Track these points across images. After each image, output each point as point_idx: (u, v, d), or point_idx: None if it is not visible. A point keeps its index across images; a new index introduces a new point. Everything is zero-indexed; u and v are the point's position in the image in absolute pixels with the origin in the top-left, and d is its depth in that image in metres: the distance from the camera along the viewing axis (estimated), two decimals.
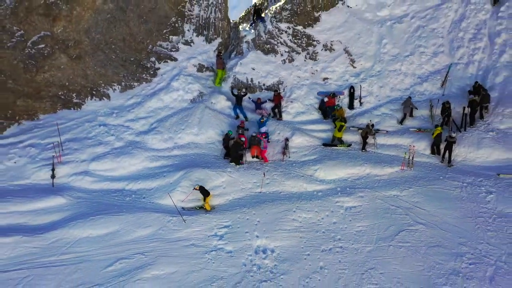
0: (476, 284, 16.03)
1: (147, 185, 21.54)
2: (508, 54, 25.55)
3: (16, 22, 23.59)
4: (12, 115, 23.83)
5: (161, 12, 26.42)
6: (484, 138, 22.17)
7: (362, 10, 28.44)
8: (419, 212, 19.10)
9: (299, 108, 25.62)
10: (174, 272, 17.10)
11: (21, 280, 17.00)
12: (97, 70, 25.39)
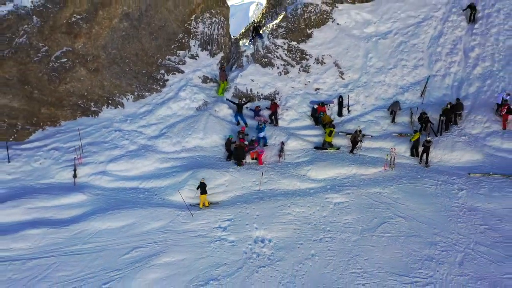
0: (447, 268, 16.81)
1: (158, 183, 22.34)
2: (480, 67, 26.69)
3: (41, 39, 24.63)
4: (37, 122, 24.66)
5: (170, 29, 27.47)
6: (458, 142, 23.10)
7: (350, 27, 29.53)
8: (399, 206, 19.89)
9: (293, 115, 26.27)
10: (183, 259, 17.92)
11: (49, 266, 17.82)
12: (112, 82, 26.22)
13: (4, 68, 23.96)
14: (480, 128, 23.62)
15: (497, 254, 17.00)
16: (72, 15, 25.11)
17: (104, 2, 25.51)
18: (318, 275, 17.18)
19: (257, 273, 17.33)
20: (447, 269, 16.69)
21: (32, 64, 24.57)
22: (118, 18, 26.15)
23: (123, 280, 17.09)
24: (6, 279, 17.32)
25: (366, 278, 16.68)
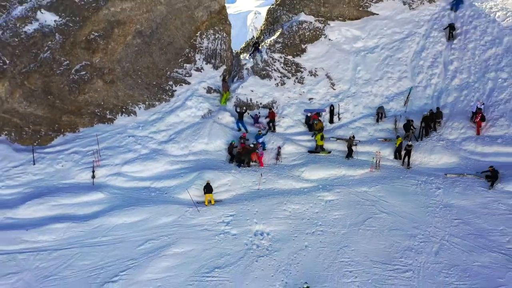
0: (425, 257, 17.74)
1: (168, 183, 23.07)
2: (458, 79, 27.07)
3: (63, 54, 25.44)
4: (59, 128, 25.50)
5: (177, 45, 27.98)
6: (436, 146, 23.73)
7: (340, 43, 29.90)
8: (383, 203, 20.69)
9: (289, 122, 26.84)
10: (191, 250, 18.92)
11: (72, 256, 18.94)
12: (126, 92, 26.88)
13: (30, 80, 24.67)
14: (457, 134, 24.22)
15: (468, 244, 17.87)
16: (90, 32, 25.80)
17: (119, 21, 25.96)
18: (311, 264, 18.02)
19: (257, 262, 18.21)
20: (425, 258, 17.57)
21: (54, 77, 25.30)
22: (132, 35, 26.67)
23: (138, 268, 17.99)
24: (34, 267, 18.46)
25: (353, 266, 17.54)
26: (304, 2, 30.72)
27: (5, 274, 17.89)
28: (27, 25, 24.89)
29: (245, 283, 17.21)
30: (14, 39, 24.53)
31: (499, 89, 25.18)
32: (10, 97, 24.52)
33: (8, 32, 24.48)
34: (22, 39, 24.74)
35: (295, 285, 17.06)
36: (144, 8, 26.53)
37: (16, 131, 24.89)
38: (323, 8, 30.64)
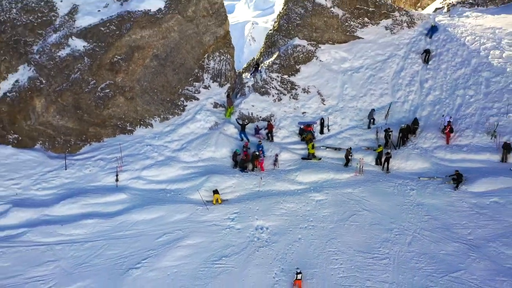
0: (399, 247, 18.64)
1: (181, 185, 23.83)
2: (432, 95, 27.90)
3: (91, 74, 26.28)
4: (86, 138, 26.37)
5: (188, 66, 28.61)
6: (411, 153, 24.62)
7: (330, 63, 30.55)
8: (365, 202, 21.68)
9: (285, 133, 27.46)
10: (202, 242, 19.85)
11: (101, 247, 19.77)
12: (144, 107, 27.53)
13: (63, 97, 25.73)
14: (429, 143, 25.04)
15: (436, 236, 18.99)
16: (114, 56, 26.56)
17: (139, 46, 26.78)
18: (303, 253, 18.97)
19: (258, 252, 19.17)
20: (399, 248, 18.66)
21: (83, 94, 26.19)
22: (149, 58, 27.32)
23: (157, 257, 18.96)
24: (69, 256, 19.38)
25: (339, 255, 18.57)
26: (298, 28, 31.26)
27: (45, 262, 18.81)
28: (60, 50, 25.95)
29: (248, 269, 18.18)
30: (50, 62, 25.66)
31: (466, 105, 26.32)
32: (45, 111, 25.55)
33: (44, 56, 25.69)
34: (56, 62, 25.77)
35: (290, 271, 17.79)
36: (160, 35, 27.20)
37: (49, 140, 25.76)
38: (315, 34, 31.31)
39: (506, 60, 27.15)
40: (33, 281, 17.89)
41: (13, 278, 17.94)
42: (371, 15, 32.14)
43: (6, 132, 25.11)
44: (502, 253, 17.51)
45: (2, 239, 19.88)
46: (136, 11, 26.58)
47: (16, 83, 25.62)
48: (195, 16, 28.06)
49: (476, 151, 23.82)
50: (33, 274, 18.29)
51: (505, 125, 24.06)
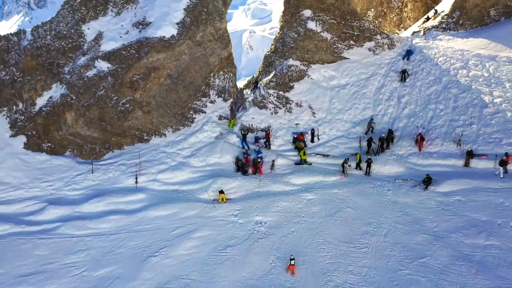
0: (377, 238, 19.78)
1: (191, 187, 24.52)
2: (408, 109, 28.29)
3: (113, 92, 26.88)
4: (109, 147, 27.00)
5: (196, 83, 29.22)
6: (389, 159, 25.32)
7: (320, 81, 31.18)
8: (349, 201, 22.55)
9: (280, 142, 28.01)
10: (210, 234, 20.90)
11: (124, 238, 20.98)
12: (159, 119, 27.91)
13: (90, 111, 26.45)
14: (404, 151, 25.66)
15: (408, 229, 20.01)
16: (133, 75, 27.06)
17: (155, 67, 27.26)
18: (296, 243, 20.00)
19: (257, 243, 20.22)
20: (377, 238, 19.79)
21: (107, 108, 26.74)
22: (164, 77, 27.74)
23: (172, 247, 20.13)
24: (98, 246, 20.61)
25: (326, 245, 19.74)
26: (292, 50, 32.01)
27: (77, 251, 20.17)
28: (88, 71, 26.78)
29: (249, 257, 19.32)
30: (79, 81, 26.57)
31: (436, 117, 26.83)
32: (75, 123, 26.35)
33: (74, 76, 26.65)
34: (85, 81, 26.65)
35: (284, 258, 18.94)
36: (173, 58, 27.77)
37: (78, 148, 26.54)
38: (307, 55, 31.94)
39: (472, 79, 27.98)
40: (68, 267, 19.22)
41: (52, 264, 19.33)
42: (356, 38, 32.76)
43: (41, 141, 25.93)
44: (461, 242, 18.81)
45: (40, 232, 21.15)
46: (153, 37, 27.32)
47: (50, 99, 26.54)
48: (203, 41, 28.78)
49: (443, 157, 24.34)
50: (67, 261, 19.58)
51: (469, 135, 24.77)
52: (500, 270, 17.23)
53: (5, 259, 19.62)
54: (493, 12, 34.96)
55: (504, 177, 22.01)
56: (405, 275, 17.68)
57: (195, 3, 28.74)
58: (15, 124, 26.16)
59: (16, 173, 24.41)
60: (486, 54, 29.96)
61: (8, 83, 26.52)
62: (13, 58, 26.90)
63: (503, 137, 23.99)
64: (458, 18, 35.66)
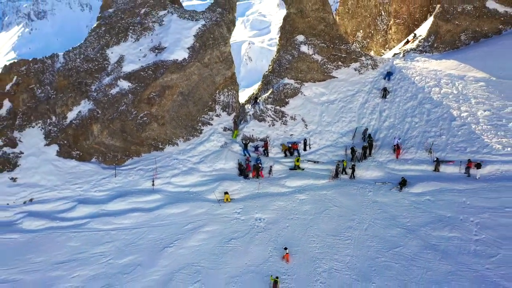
0: (359, 232, 21.07)
1: (200, 189, 25.32)
2: (388, 122, 29.01)
3: (133, 107, 27.73)
4: (129, 154, 27.77)
5: (204, 99, 30.03)
6: (370, 165, 26.33)
7: (312, 97, 31.97)
8: (336, 201, 23.64)
9: (277, 150, 28.73)
10: (216, 229, 22.14)
11: (143, 232, 22.25)
12: (172, 131, 28.57)
13: (113, 124, 27.37)
14: (384, 158, 26.68)
15: (385, 224, 21.40)
16: (150, 93, 27.75)
17: (169, 86, 27.98)
18: (290, 236, 21.23)
19: (257, 236, 21.51)
20: (358, 232, 21.14)
21: (127, 121, 27.52)
22: (176, 94, 28.45)
23: (184, 239, 21.50)
24: (121, 239, 21.95)
25: (315, 238, 21.06)
26: (287, 70, 32.99)
27: (104, 242, 21.60)
28: (111, 89, 27.72)
29: (250, 248, 20.65)
30: (104, 98, 27.55)
31: (412, 129, 27.90)
32: (100, 134, 27.26)
33: (100, 94, 27.67)
34: (109, 98, 27.59)
35: (280, 248, 20.23)
36: (185, 78, 28.57)
37: (102, 156, 27.34)
38: (300, 74, 32.91)
39: (443, 96, 29.27)
40: (97, 256, 20.73)
41: (82, 254, 20.92)
42: (343, 60, 33.80)
43: (71, 149, 26.95)
44: (429, 234, 20.36)
45: (72, 227, 22.63)
46: (167, 60, 28.22)
47: (79, 113, 27.51)
48: (210, 63, 29.58)
49: (417, 163, 25.42)
50: (96, 251, 21.05)
51: (439, 144, 26.04)
52: (460, 257, 18.90)
53: (43, 249, 21.21)
54: (463, 36, 36.83)
55: (476, 178, 23.34)
56: (382, 262, 19.25)
57: (203, 31, 29.87)
58: (49, 135, 27.16)
59: (50, 176, 25.56)
60: (456, 74, 31.34)
61: (43, 100, 27.59)
62: (48, 78, 28.04)
63: (467, 146, 25.47)
64: (433, 42, 37.36)
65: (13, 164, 25.84)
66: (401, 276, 18.48)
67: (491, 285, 17.43)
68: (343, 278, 18.80)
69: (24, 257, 20.77)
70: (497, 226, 20.16)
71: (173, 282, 19.16)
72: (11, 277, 19.59)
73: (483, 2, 36.84)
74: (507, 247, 18.93)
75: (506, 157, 24.19)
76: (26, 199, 24.45)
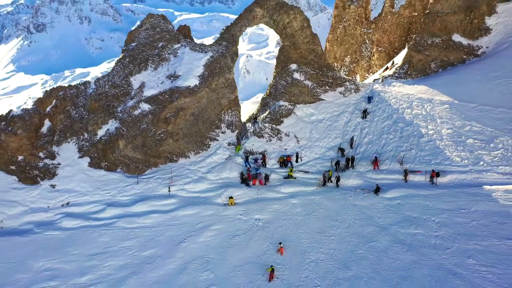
0: (341, 230, 22.71)
1: (209, 194, 26.91)
2: (366, 138, 31.01)
3: (152, 125, 29.17)
4: (148, 165, 29.27)
5: (212, 119, 31.76)
6: (352, 174, 28.27)
7: (303, 117, 34.18)
8: (322, 204, 25.30)
9: (274, 162, 30.62)
10: (222, 227, 23.75)
11: (162, 230, 23.83)
12: (185, 145, 30.06)
13: (136, 140, 28.80)
14: (364, 168, 28.63)
15: (363, 223, 23.21)
16: (167, 114, 29.21)
17: (183, 108, 29.49)
18: (284, 234, 22.86)
19: (256, 233, 23.18)
20: (341, 230, 22.89)
21: (148, 137, 28.96)
22: (189, 115, 30.07)
23: (196, 236, 23.15)
24: (144, 235, 23.50)
25: (305, 235, 22.71)
26: (282, 94, 35.44)
27: (129, 238, 23.27)
28: (135, 110, 29.41)
29: (250, 243, 22.31)
30: (128, 118, 29.17)
31: (387, 144, 30.28)
32: (125, 148, 28.77)
33: (125, 114, 29.36)
34: (132, 118, 29.22)
35: (275, 243, 21.94)
36: (196, 101, 30.29)
37: (126, 166, 28.87)
38: (293, 97, 35.45)
39: (414, 116, 31.84)
40: (124, 249, 22.59)
41: (112, 247, 22.80)
42: (330, 85, 36.39)
43: (100, 161, 28.64)
44: (398, 231, 22.37)
45: (102, 225, 24.53)
46: (181, 86, 30.07)
47: (107, 131, 29.23)
48: (217, 88, 31.59)
49: (390, 173, 27.51)
50: (123, 245, 22.90)
51: (409, 157, 28.41)
52: (422, 249, 21.09)
53: (79, 244, 23.27)
54: (433, 65, 40.04)
55: (438, 185, 25.60)
56: (359, 254, 21.28)
57: (211, 61, 32.22)
58: (82, 149, 28.92)
59: (83, 184, 27.33)
60: (425, 98, 33.91)
61: (78, 120, 29.58)
62: (81, 101, 30.16)
63: (432, 159, 27.94)
64: (407, 69, 40.64)
65: (53, 173, 27.73)
66: (374, 265, 20.51)
67: (445, 271, 19.66)
68: (327, 267, 20.72)
69: (64, 250, 22.83)
70: (453, 224, 22.45)
71: (187, 270, 21.13)
72: (54, 266, 21.74)
73: (450, 35, 40.36)
74: (460, 241, 21.24)
75: (464, 168, 26.80)
76: (63, 203, 26.18)
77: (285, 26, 36.58)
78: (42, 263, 21.87)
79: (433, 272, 19.68)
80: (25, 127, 27.67)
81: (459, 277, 19.07)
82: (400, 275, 19.74)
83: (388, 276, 19.80)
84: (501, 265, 19.34)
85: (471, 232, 21.53)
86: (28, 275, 21.03)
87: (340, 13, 59.15)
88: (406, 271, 19.92)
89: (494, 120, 29.76)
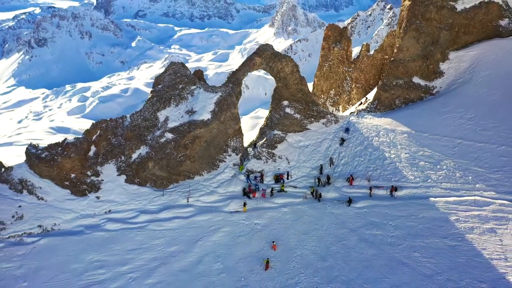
0: (321, 231, 25.40)
1: (219, 204, 29.76)
2: (344, 160, 34.18)
3: (174, 150, 31.42)
4: (170, 181, 31.78)
5: (220, 145, 34.22)
6: (330, 189, 31.06)
7: (293, 143, 36.53)
8: (306, 212, 28.31)
9: (269, 179, 33.05)
10: (229, 229, 26.74)
11: (183, 231, 26.85)
12: (199, 166, 32.41)
13: (161, 161, 31.14)
14: (340, 184, 31.45)
15: (337, 227, 26.48)
16: (185, 141, 31.19)
17: (198, 136, 31.86)
18: (277, 234, 25.91)
19: (256, 234, 26.24)
20: (321, 232, 25.88)
21: (171, 160, 31.23)
22: (203, 142, 32.45)
23: (209, 236, 26.16)
24: (169, 235, 26.53)
25: (293, 235, 25.84)
26: (276, 125, 38.15)
27: (158, 238, 26.35)
28: (161, 138, 32.35)
29: (251, 242, 25.39)
30: (156, 144, 32.07)
31: (358, 165, 33.02)
32: (153, 168, 31.42)
33: (153, 141, 32.40)
34: (159, 144, 31.96)
35: (270, 242, 24.99)
36: (208, 131, 32.63)
37: (154, 182, 31.40)
38: (285, 127, 37.71)
39: (380, 143, 34.92)
40: (154, 246, 25.84)
41: (145, 245, 26.12)
42: (315, 117, 39.02)
43: (134, 178, 31.33)
44: (364, 232, 25.73)
45: (137, 228, 27.82)
46: (197, 120, 32.77)
47: (139, 155, 32.02)
48: (225, 120, 34.02)
49: (360, 188, 30.55)
50: (153, 243, 26.12)
51: (375, 176, 31.62)
52: (381, 246, 24.72)
53: (119, 242, 26.62)
54: (397, 101, 44.08)
55: (395, 198, 29.23)
56: (334, 250, 24.69)
57: (221, 100, 35.74)
58: (120, 168, 31.73)
59: (121, 196, 30.43)
60: (389, 128, 37.03)
61: (117, 146, 32.89)
62: (119, 131, 33.65)
63: (392, 177, 31.62)
64: (377, 104, 44.35)
65: (97, 187, 30.76)
66: (345, 257, 24.08)
67: (397, 262, 23.47)
68: (309, 259, 24.08)
69: (108, 246, 26.17)
70: (405, 227, 26.20)
71: (203, 261, 24.62)
72: (101, 259, 25.27)
73: (411, 78, 44.78)
74: (409, 239, 25.04)
75: (415, 184, 30.75)
76: (106, 210, 29.24)
77: (279, 71, 40.42)
78: (92, 256, 25.27)
79: (388, 262, 23.30)
80: (77, 152, 31.35)
81: (407, 266, 22.84)
82: (364, 265, 23.28)
83: (355, 265, 23.35)
84: (438, 257, 23.19)
85: (418, 233, 25.27)
86: (82, 264, 24.57)
87: (326, 53, 63.82)
88: (368, 262, 23.46)
89: (441, 147, 33.40)
